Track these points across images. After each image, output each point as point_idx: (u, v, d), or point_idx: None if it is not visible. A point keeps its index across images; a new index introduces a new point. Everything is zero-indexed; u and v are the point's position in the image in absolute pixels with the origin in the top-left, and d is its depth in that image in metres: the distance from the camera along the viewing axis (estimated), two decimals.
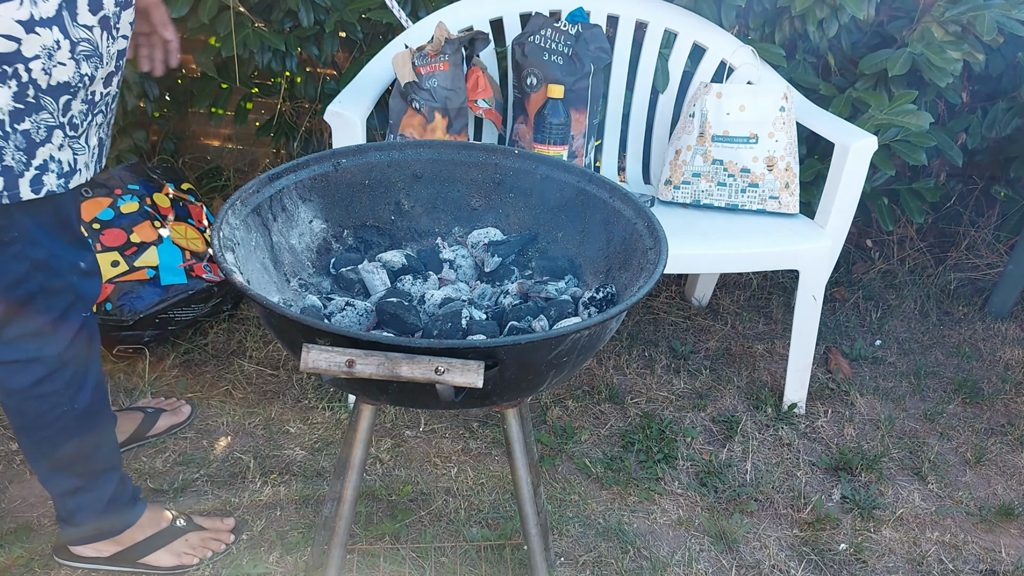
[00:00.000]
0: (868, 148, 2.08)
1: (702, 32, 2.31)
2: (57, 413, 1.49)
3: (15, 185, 1.30)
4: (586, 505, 1.95)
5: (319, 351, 1.11)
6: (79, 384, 1.50)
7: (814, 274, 2.13)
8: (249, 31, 2.37)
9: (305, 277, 1.47)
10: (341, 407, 2.18)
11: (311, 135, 2.82)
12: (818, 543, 1.90)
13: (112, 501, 1.62)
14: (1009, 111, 2.67)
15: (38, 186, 1.33)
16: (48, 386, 1.46)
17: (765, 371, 2.46)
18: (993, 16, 2.26)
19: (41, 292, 1.41)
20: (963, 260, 3.03)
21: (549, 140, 2.10)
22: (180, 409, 2.08)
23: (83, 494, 1.59)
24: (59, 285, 1.43)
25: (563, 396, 2.28)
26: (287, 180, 1.46)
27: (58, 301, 1.43)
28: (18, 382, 1.45)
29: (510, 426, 1.40)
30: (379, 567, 1.74)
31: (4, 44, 1.22)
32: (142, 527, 1.68)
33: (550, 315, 1.37)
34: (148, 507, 1.71)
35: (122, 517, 1.66)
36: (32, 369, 1.45)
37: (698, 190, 2.21)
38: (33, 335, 1.43)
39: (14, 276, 1.38)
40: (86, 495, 1.59)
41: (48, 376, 1.46)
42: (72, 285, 1.45)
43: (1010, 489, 2.12)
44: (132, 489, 1.68)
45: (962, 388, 2.45)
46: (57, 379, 1.46)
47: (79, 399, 1.50)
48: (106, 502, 1.61)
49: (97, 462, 1.58)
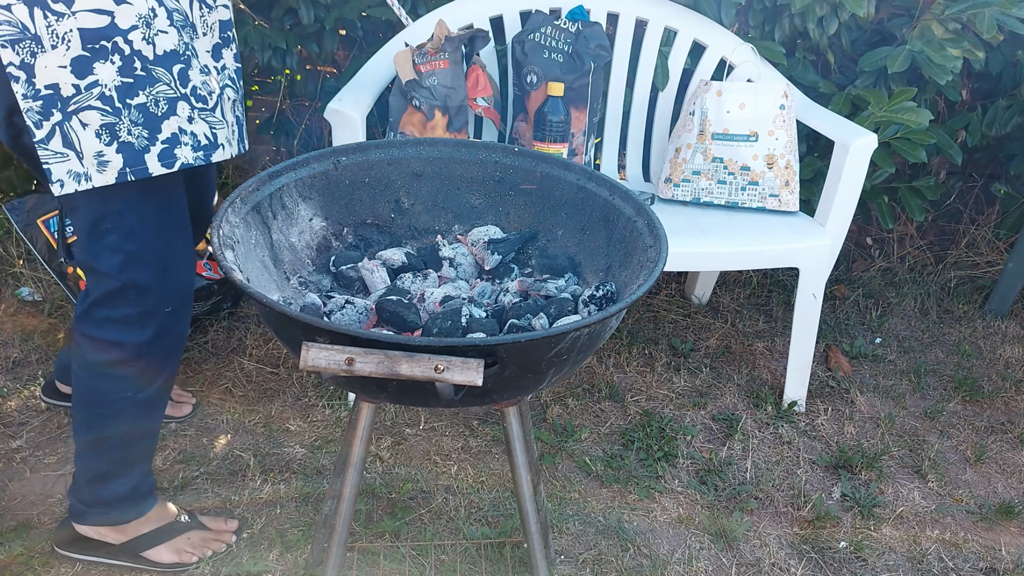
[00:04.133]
0: (868, 146, 2.08)
1: (702, 30, 2.31)
2: (119, 396, 1.48)
3: (140, 160, 1.27)
4: (586, 503, 1.95)
5: (319, 349, 1.11)
6: (152, 378, 1.49)
7: (814, 272, 2.13)
8: (249, 28, 2.37)
9: (305, 275, 1.47)
10: (341, 405, 2.18)
11: (311, 133, 2.82)
12: (818, 541, 1.91)
13: (133, 491, 1.63)
14: (1009, 109, 2.67)
15: (170, 160, 1.29)
16: (121, 371, 1.46)
17: (765, 369, 2.46)
18: (993, 14, 2.26)
19: (133, 286, 1.40)
20: (963, 258, 3.03)
21: (549, 138, 2.10)
22: (182, 404, 2.09)
23: (111, 480, 1.60)
24: (150, 279, 1.40)
25: (563, 394, 2.28)
26: (287, 178, 1.46)
27: (147, 297, 1.41)
28: (96, 357, 1.45)
29: (510, 424, 1.40)
30: (379, 565, 1.74)
31: (96, 19, 1.20)
32: (148, 520, 1.68)
33: (550, 313, 1.37)
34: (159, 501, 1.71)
35: (135, 508, 1.66)
36: (112, 351, 1.44)
37: (698, 188, 2.21)
38: (119, 321, 1.42)
39: (107, 266, 1.37)
40: (113, 482, 1.60)
41: (124, 361, 1.45)
42: (166, 280, 1.42)
43: (1010, 487, 2.12)
44: (151, 482, 1.68)
45: (962, 386, 2.45)
46: (132, 367, 1.46)
47: (145, 390, 1.50)
48: (128, 491, 1.62)
49: (134, 452, 1.59)
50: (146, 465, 1.64)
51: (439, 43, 2.03)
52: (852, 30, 2.49)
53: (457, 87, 2.05)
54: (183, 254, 1.45)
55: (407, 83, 2.03)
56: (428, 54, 2.03)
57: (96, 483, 1.60)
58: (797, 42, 2.49)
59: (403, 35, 2.19)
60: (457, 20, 2.23)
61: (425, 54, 2.03)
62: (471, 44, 2.12)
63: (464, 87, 2.08)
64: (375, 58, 2.21)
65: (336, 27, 2.47)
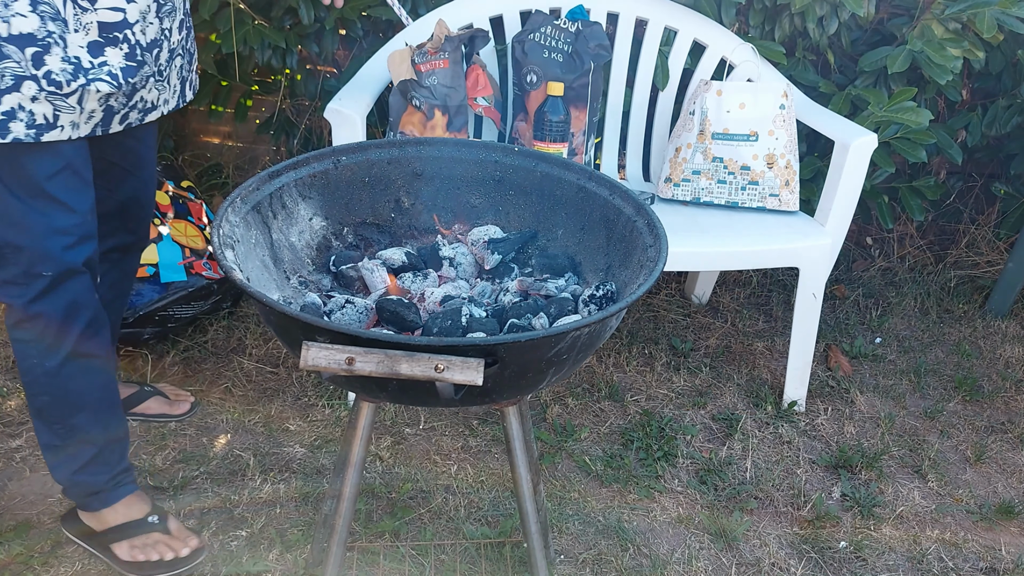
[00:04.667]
0: (868, 145, 2.08)
1: (702, 29, 2.31)
2: (29, 364, 1.55)
3: None
4: (586, 503, 1.95)
5: (319, 349, 1.11)
6: (53, 346, 1.53)
7: (814, 271, 2.12)
8: (249, 28, 2.37)
9: (305, 275, 1.47)
10: (341, 405, 2.18)
11: (311, 132, 2.82)
12: (818, 541, 1.91)
13: (84, 473, 1.64)
14: (1009, 108, 2.67)
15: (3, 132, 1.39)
16: (20, 333, 1.53)
17: (765, 369, 2.46)
18: (993, 13, 2.26)
19: (5, 245, 1.46)
20: (963, 258, 3.03)
21: (549, 137, 2.10)
22: (180, 402, 2.09)
23: (59, 454, 1.63)
24: (18, 240, 1.46)
25: (563, 394, 2.28)
26: (287, 177, 1.46)
27: (22, 256, 1.47)
28: (6, 322, 1.54)
29: (510, 424, 1.40)
30: (379, 565, 1.74)
31: None
32: (117, 512, 1.69)
33: (550, 313, 1.37)
34: (133, 494, 1.71)
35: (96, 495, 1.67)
36: (10, 314, 1.53)
37: (698, 187, 2.21)
38: (8, 282, 1.50)
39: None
40: (62, 456, 1.63)
41: (20, 323, 1.52)
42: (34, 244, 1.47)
43: (1010, 487, 2.12)
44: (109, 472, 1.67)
45: (962, 386, 2.45)
46: (29, 329, 1.52)
47: (51, 359, 1.53)
48: (77, 471, 1.64)
49: (70, 429, 1.60)
50: (95, 449, 1.64)
51: (439, 43, 2.03)
52: (852, 30, 2.49)
53: (457, 87, 2.05)
54: (53, 225, 1.48)
55: (405, 82, 2.03)
56: (428, 54, 2.03)
57: (47, 453, 1.64)
58: (797, 42, 2.49)
59: (403, 35, 2.19)
60: (457, 20, 2.23)
61: (425, 54, 2.03)
62: (471, 44, 2.12)
63: (464, 87, 2.08)
64: (375, 58, 2.21)
65: (336, 27, 2.47)
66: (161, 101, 1.59)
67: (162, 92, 1.59)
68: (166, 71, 1.57)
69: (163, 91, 1.59)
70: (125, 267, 1.85)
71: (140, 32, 1.47)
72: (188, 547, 1.69)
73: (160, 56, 1.54)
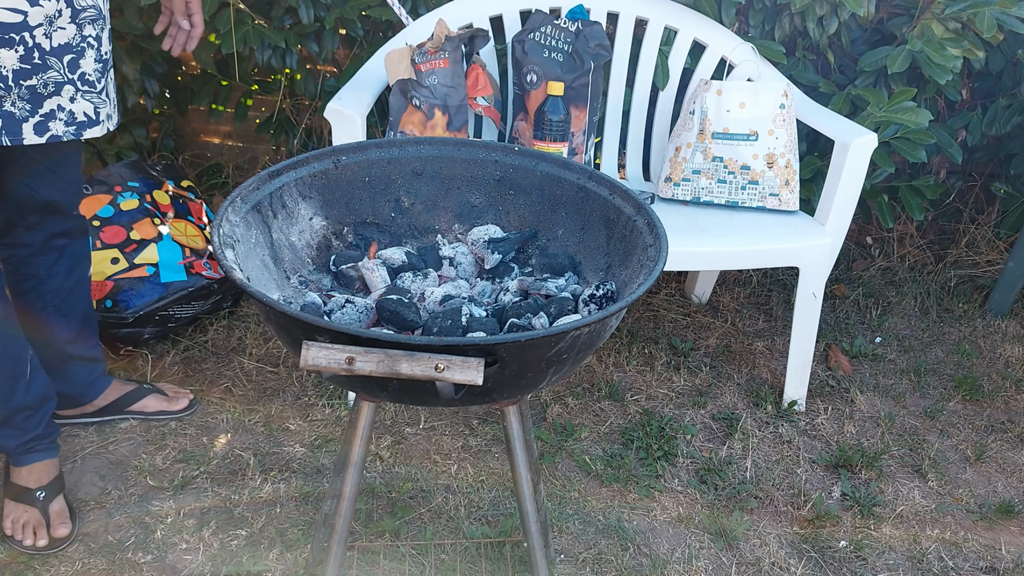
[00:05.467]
0: (868, 145, 2.08)
1: (702, 29, 2.31)
2: None
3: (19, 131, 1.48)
4: (586, 502, 1.95)
5: (319, 348, 1.11)
6: None
7: (814, 271, 2.13)
8: (249, 28, 2.37)
9: (305, 274, 1.47)
10: (341, 404, 2.18)
11: (311, 132, 2.82)
12: (818, 540, 1.91)
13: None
14: (1009, 108, 2.67)
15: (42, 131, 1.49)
16: None
17: (765, 368, 2.46)
18: (993, 13, 2.26)
19: None
20: (963, 257, 3.03)
21: (549, 137, 2.10)
22: (178, 400, 2.09)
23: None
24: None
25: (563, 393, 2.28)
26: (287, 177, 1.46)
27: None
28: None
29: (510, 423, 1.40)
30: (379, 564, 1.74)
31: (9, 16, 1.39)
32: (19, 474, 1.74)
33: (550, 312, 1.37)
34: (42, 463, 1.75)
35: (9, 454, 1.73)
36: None
37: (698, 187, 2.21)
38: None
39: None
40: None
41: None
42: None
43: (1010, 486, 2.12)
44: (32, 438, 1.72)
45: (962, 385, 2.45)
46: None
47: None
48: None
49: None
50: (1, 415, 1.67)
51: (439, 42, 2.03)
52: (852, 29, 2.49)
53: (457, 86, 2.05)
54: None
55: (405, 82, 2.03)
56: (428, 53, 2.03)
57: None
58: (797, 41, 2.50)
59: (403, 34, 2.19)
60: (457, 19, 2.23)
61: (425, 53, 2.03)
62: (471, 43, 2.12)
63: (464, 86, 2.08)
64: (375, 58, 2.21)
65: (336, 26, 2.47)
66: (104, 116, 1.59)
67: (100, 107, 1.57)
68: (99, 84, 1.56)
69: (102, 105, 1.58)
70: (75, 251, 1.85)
71: (43, 36, 1.45)
72: (46, 538, 1.72)
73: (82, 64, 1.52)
